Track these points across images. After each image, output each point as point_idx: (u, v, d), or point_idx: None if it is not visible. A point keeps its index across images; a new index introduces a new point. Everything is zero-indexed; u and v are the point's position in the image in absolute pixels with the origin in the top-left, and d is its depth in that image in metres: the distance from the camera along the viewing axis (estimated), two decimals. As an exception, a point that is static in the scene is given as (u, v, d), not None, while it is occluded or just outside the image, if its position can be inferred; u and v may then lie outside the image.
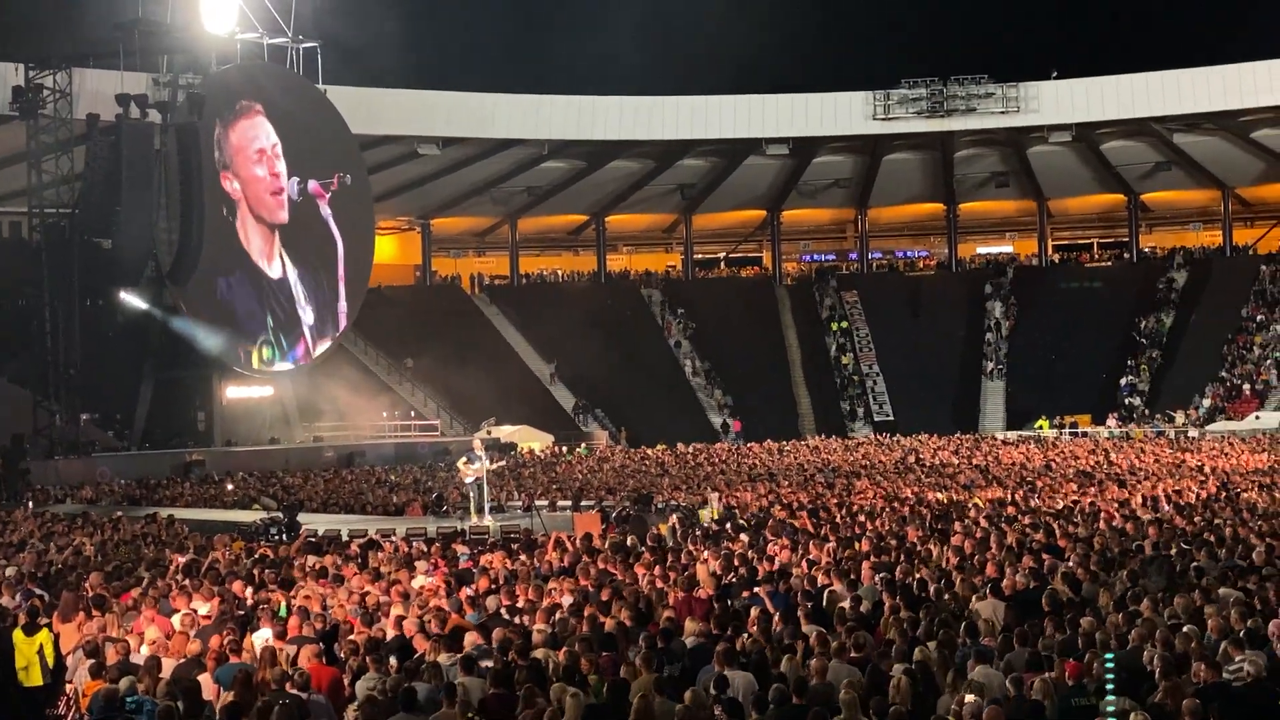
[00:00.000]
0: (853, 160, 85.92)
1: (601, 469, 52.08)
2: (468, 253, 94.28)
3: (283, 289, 62.46)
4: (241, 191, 60.08)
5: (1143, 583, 19.08)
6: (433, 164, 79.04)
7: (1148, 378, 78.31)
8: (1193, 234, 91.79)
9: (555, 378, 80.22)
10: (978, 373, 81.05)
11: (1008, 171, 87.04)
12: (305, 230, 62.51)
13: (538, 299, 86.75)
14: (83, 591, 21.73)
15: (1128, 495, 33.83)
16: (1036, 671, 14.39)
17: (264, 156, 60.64)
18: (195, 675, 16.04)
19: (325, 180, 62.41)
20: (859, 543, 25.30)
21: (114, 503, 42.34)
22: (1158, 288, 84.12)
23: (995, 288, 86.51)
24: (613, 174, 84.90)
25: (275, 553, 26.99)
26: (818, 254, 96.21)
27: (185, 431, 61.51)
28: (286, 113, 61.21)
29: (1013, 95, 78.99)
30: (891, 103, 79.95)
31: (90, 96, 57.41)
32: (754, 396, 79.04)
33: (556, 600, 20.34)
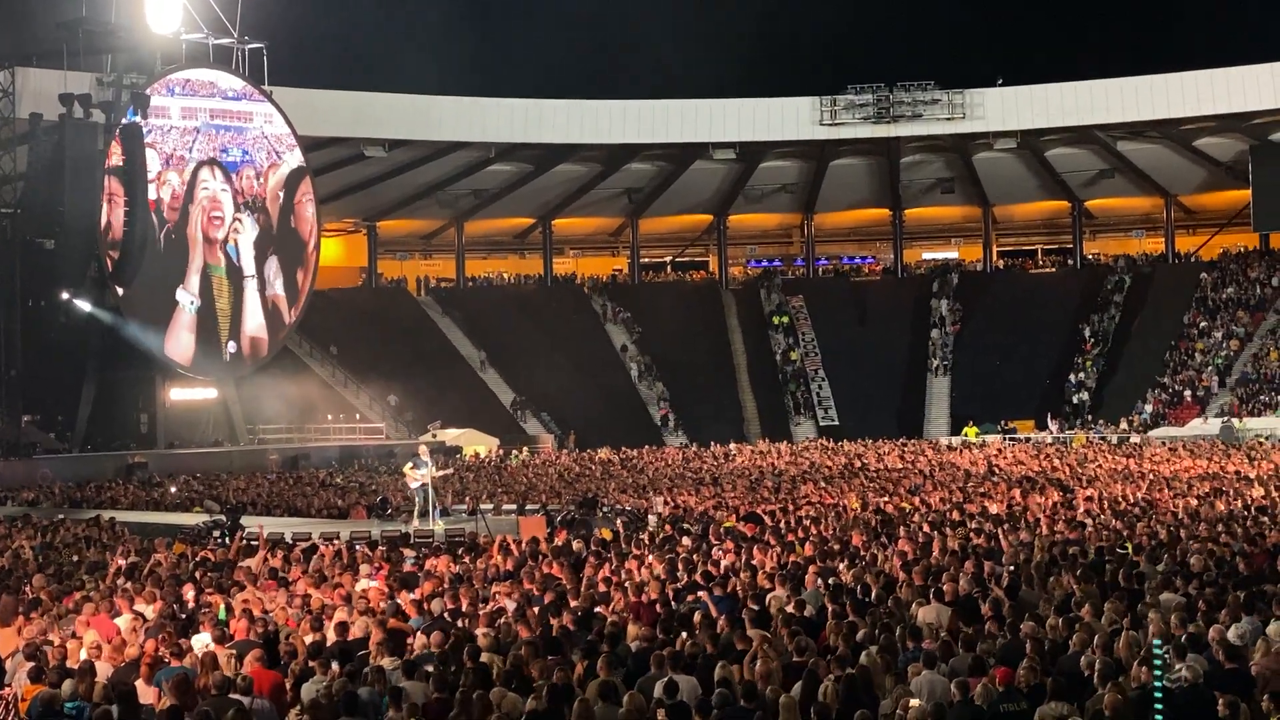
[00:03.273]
0: (799, 165, 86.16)
1: (547, 472, 52.05)
2: (414, 255, 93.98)
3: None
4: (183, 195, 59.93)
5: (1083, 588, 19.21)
6: (379, 166, 78.84)
7: (1095, 374, 78.87)
8: (1136, 241, 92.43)
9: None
10: (923, 378, 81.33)
11: (953, 177, 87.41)
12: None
13: (484, 302, 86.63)
14: (23, 595, 21.59)
15: (1070, 500, 34.05)
16: (980, 676, 14.47)
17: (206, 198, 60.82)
18: (133, 680, 15.96)
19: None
20: (803, 547, 25.39)
21: (55, 505, 42.09)
22: (1101, 294, 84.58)
23: (942, 286, 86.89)
24: (560, 177, 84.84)
25: (216, 556, 26.90)
26: (764, 259, 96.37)
27: (128, 433, 61.19)
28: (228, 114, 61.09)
29: (958, 102, 79.40)
30: (838, 108, 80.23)
31: (33, 96, 57.05)
32: (700, 401, 79.08)
33: (501, 604, 20.33)
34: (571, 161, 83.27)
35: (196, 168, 60.96)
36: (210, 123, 61.33)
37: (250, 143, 63.19)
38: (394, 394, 73.71)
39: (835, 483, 42.40)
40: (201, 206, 61.30)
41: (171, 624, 19.06)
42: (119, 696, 14.81)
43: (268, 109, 63.66)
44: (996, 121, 79.49)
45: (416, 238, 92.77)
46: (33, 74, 58.48)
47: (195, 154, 60.79)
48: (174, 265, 60.29)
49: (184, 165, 60.49)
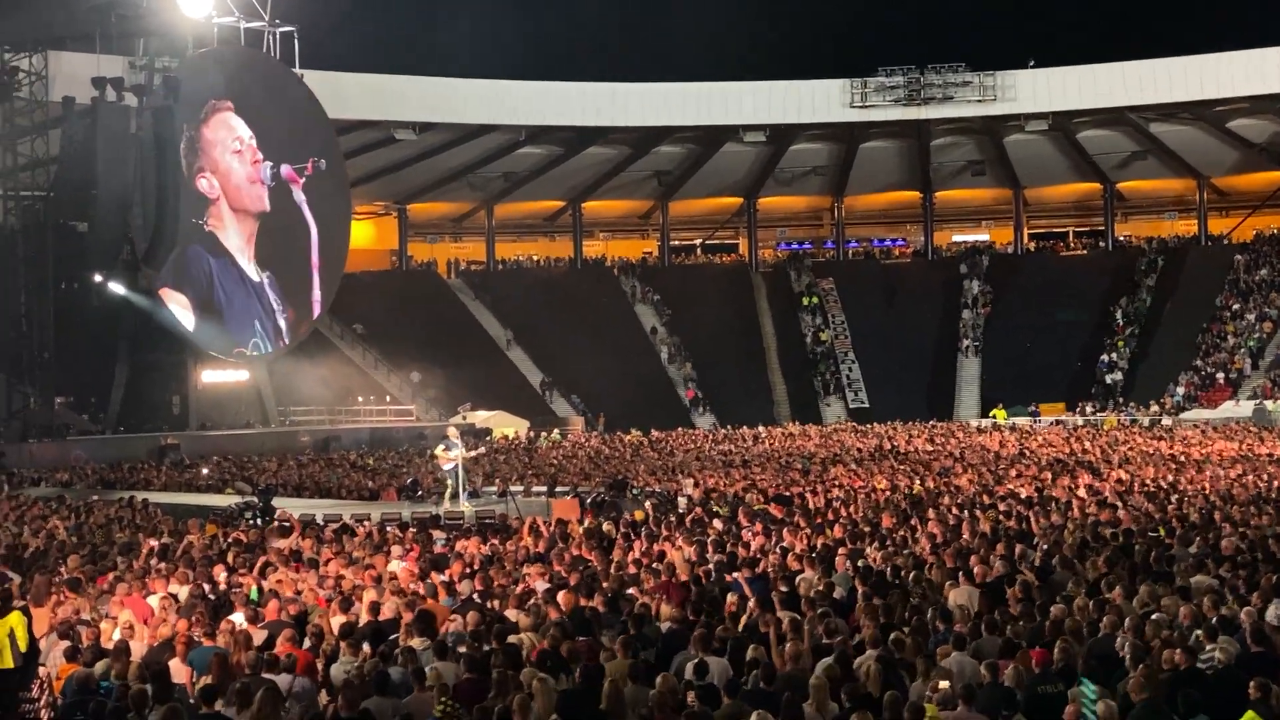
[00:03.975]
0: (829, 148, 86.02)
1: (577, 454, 52.10)
2: (444, 238, 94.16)
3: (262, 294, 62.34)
4: (220, 188, 59.60)
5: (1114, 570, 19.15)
6: (409, 149, 78.95)
7: (1127, 354, 78.61)
8: (1168, 223, 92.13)
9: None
10: (953, 361, 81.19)
11: (984, 160, 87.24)
12: (279, 219, 62.18)
13: (514, 284, 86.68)
14: (57, 575, 21.69)
15: (1101, 483, 33.95)
16: (1010, 658, 14.45)
17: (242, 145, 60.30)
18: (166, 659, 16.03)
19: (299, 165, 62.08)
20: (833, 529, 25.37)
21: (89, 486, 42.23)
22: (1133, 276, 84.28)
23: (972, 268, 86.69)
24: (589, 160, 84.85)
25: (248, 537, 26.98)
26: (794, 242, 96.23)
27: (160, 415, 61.36)
28: (260, 98, 60.81)
29: (990, 84, 79.18)
30: (869, 90, 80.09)
31: (66, 79, 57.12)
32: (729, 383, 79.04)
33: (530, 585, 20.36)
34: (601, 144, 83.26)
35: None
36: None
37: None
38: (417, 371, 73.86)
39: (865, 465, 42.38)
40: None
41: (203, 604, 19.15)
42: (153, 676, 14.87)
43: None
44: (1028, 103, 79.24)
45: (447, 220, 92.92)
46: (65, 57, 58.63)
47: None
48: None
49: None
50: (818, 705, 13.11)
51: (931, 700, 12.86)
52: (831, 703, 13.21)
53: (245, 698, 13.75)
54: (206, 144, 58.67)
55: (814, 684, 13.44)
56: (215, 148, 59.25)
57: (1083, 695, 12.85)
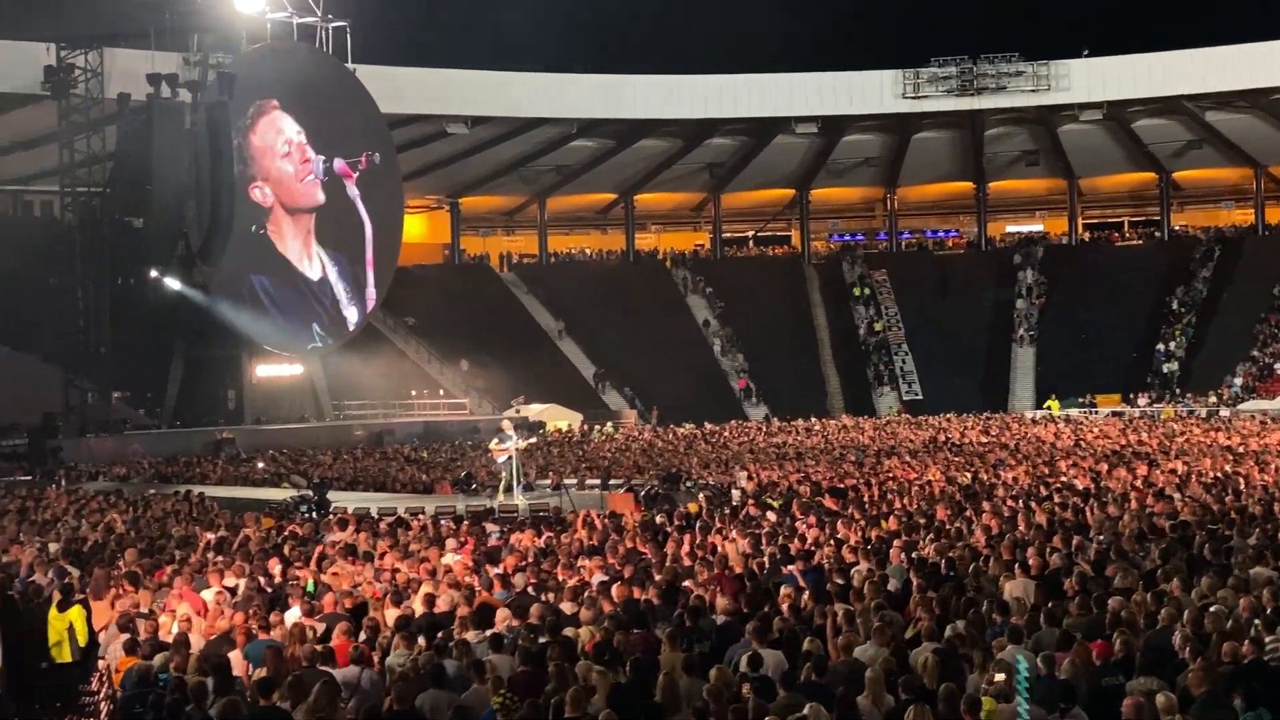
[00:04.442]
0: (882, 139, 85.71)
1: (630, 447, 52.10)
2: (496, 231, 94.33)
3: (325, 290, 62.67)
4: (274, 195, 60.11)
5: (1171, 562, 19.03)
6: (462, 143, 79.08)
7: (1184, 343, 78.14)
8: (1225, 212, 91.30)
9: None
10: (1006, 352, 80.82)
11: (1038, 150, 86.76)
12: (334, 214, 62.57)
13: (566, 277, 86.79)
14: (115, 568, 21.85)
15: (1157, 474, 33.70)
16: (1067, 650, 14.38)
17: (292, 147, 60.62)
18: (225, 652, 16.13)
19: (353, 159, 62.38)
20: (887, 521, 25.30)
21: (145, 480, 42.52)
22: (1189, 267, 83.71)
23: (1026, 259, 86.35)
24: (641, 153, 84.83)
25: (304, 531, 27.12)
26: (846, 233, 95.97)
27: (215, 410, 61.72)
28: (312, 94, 61.08)
29: (1043, 73, 78.73)
30: (921, 81, 79.79)
31: (121, 76, 57.58)
32: (782, 375, 78.91)
33: (585, 578, 20.39)
34: (653, 137, 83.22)
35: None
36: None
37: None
38: (465, 360, 74.11)
39: (919, 457, 42.24)
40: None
41: (259, 597, 19.25)
42: (213, 668, 14.98)
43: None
44: (1082, 93, 78.68)
45: (499, 214, 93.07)
46: (120, 54, 59.03)
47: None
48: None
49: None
50: (873, 698, 13.09)
51: (988, 693, 12.82)
52: (887, 695, 13.19)
53: (300, 691, 13.83)
54: (256, 152, 59.21)
55: (870, 676, 13.42)
56: (265, 155, 59.85)
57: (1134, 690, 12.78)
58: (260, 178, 59.21)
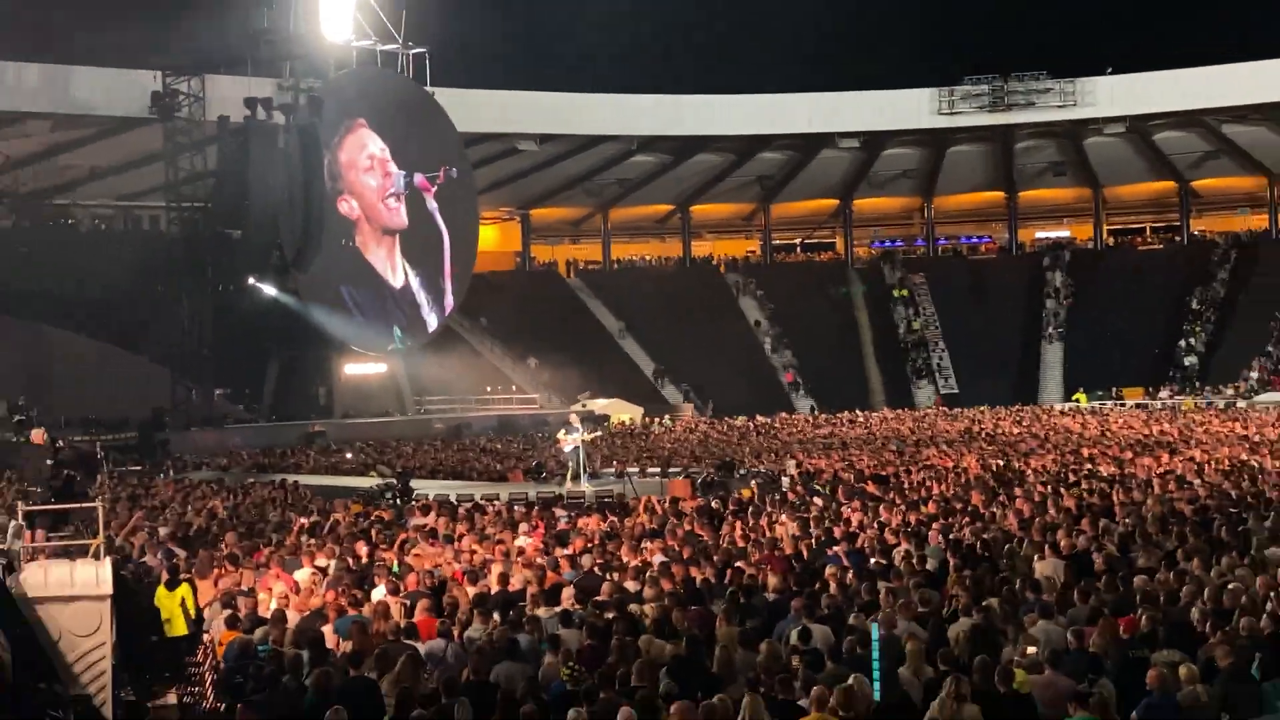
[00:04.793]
0: (919, 152, 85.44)
1: (687, 438, 52.07)
2: (564, 240, 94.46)
3: (405, 296, 62.91)
4: (360, 209, 60.30)
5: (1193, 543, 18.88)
6: (531, 159, 79.33)
7: (1204, 339, 77.50)
8: (1241, 218, 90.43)
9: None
10: (1037, 349, 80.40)
11: (1065, 161, 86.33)
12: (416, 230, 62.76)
13: (628, 282, 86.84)
14: (218, 550, 22.02)
15: (1178, 462, 33.42)
16: (1094, 626, 14.29)
17: (374, 163, 60.80)
18: (318, 627, 16.23)
19: (431, 174, 62.58)
20: (926, 506, 25.20)
21: (245, 470, 42.75)
22: (1207, 269, 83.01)
23: (1054, 262, 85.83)
24: (697, 167, 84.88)
25: (389, 515, 27.22)
26: (887, 240, 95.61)
27: (308, 405, 61.99)
28: (394, 114, 61.35)
29: (1069, 90, 78.36)
30: (955, 98, 79.57)
31: (220, 100, 58.03)
32: (828, 372, 78.72)
33: (647, 559, 20.40)
34: (707, 152, 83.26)
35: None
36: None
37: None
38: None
39: (955, 446, 42.04)
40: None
41: (348, 577, 19.34)
42: (308, 642, 15.08)
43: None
44: (1106, 108, 78.35)
45: (566, 224, 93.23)
46: (220, 81, 59.49)
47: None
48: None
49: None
50: (913, 669, 13.04)
51: (1020, 664, 12.75)
52: (926, 667, 13.14)
53: (386, 662, 13.90)
54: (343, 167, 59.25)
55: (909, 650, 13.37)
56: (351, 170, 59.90)
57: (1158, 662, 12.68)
58: (347, 191, 59.42)
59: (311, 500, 31.04)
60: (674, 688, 12.46)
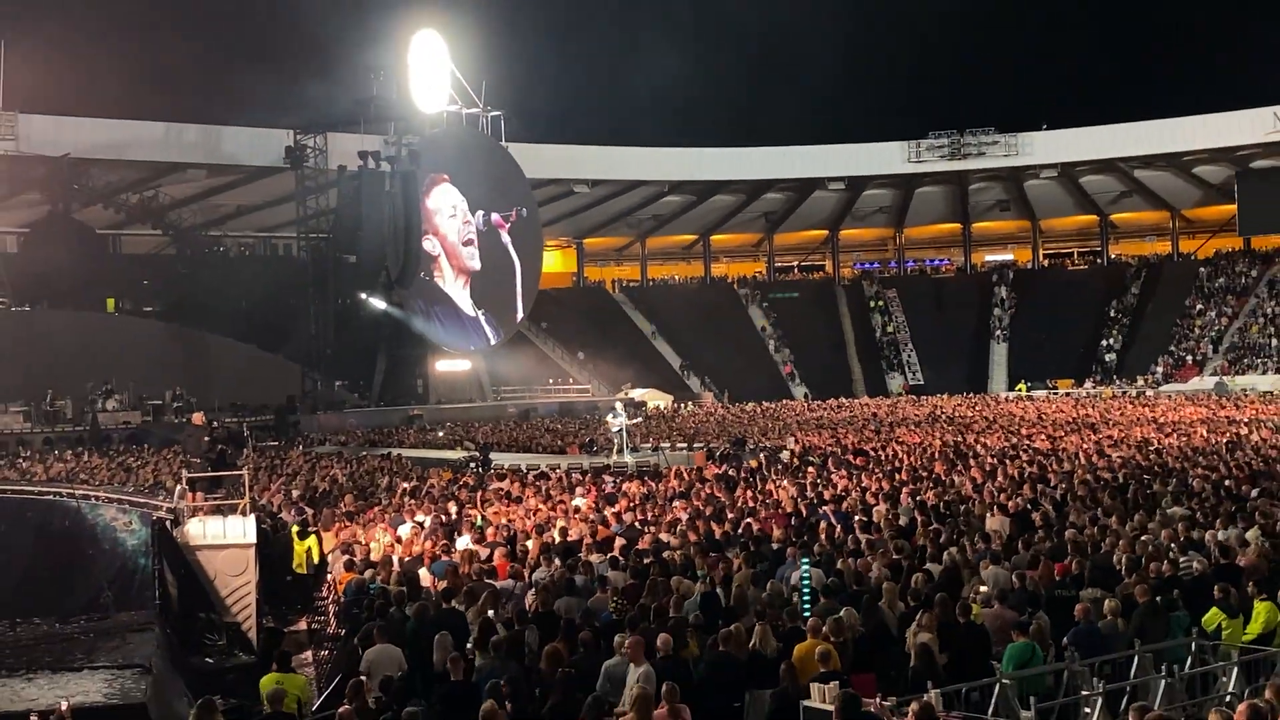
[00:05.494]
0: (893, 192, 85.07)
1: (709, 420, 52.00)
2: (610, 263, 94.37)
3: (476, 325, 62.90)
4: (441, 247, 60.13)
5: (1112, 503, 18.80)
6: (584, 199, 79.34)
7: (1120, 339, 77.06)
8: (1149, 244, 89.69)
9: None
10: (987, 349, 79.94)
11: (1009, 199, 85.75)
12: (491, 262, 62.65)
13: (661, 296, 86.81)
14: (338, 509, 22.15)
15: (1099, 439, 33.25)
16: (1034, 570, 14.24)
17: (456, 212, 60.80)
18: (417, 570, 16.31)
19: (505, 213, 62.63)
20: (899, 474, 25.13)
21: (359, 445, 42.91)
22: (1122, 285, 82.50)
23: (1000, 279, 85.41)
24: (715, 205, 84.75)
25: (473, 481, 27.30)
26: (866, 262, 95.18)
27: (409, 393, 62.01)
28: (476, 164, 61.32)
29: (1013, 142, 78.10)
30: (922, 149, 79.34)
31: (340, 153, 58.17)
32: (820, 367, 78.56)
33: (676, 515, 20.41)
34: (724, 193, 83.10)
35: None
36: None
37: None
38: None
39: (921, 427, 41.87)
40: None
41: (441, 529, 19.41)
42: (408, 581, 15.15)
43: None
44: (1042, 156, 78.12)
45: (612, 250, 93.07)
46: (339, 138, 59.59)
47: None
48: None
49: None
50: (888, 604, 13.02)
51: (975, 600, 12.71)
52: (899, 602, 13.11)
53: (473, 597, 13.95)
54: (428, 212, 59.05)
55: (886, 588, 13.35)
56: (435, 215, 59.75)
57: (1085, 598, 12.61)
58: (430, 232, 59.17)
59: (412, 469, 31.18)
60: (701, 618, 12.47)
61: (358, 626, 13.66)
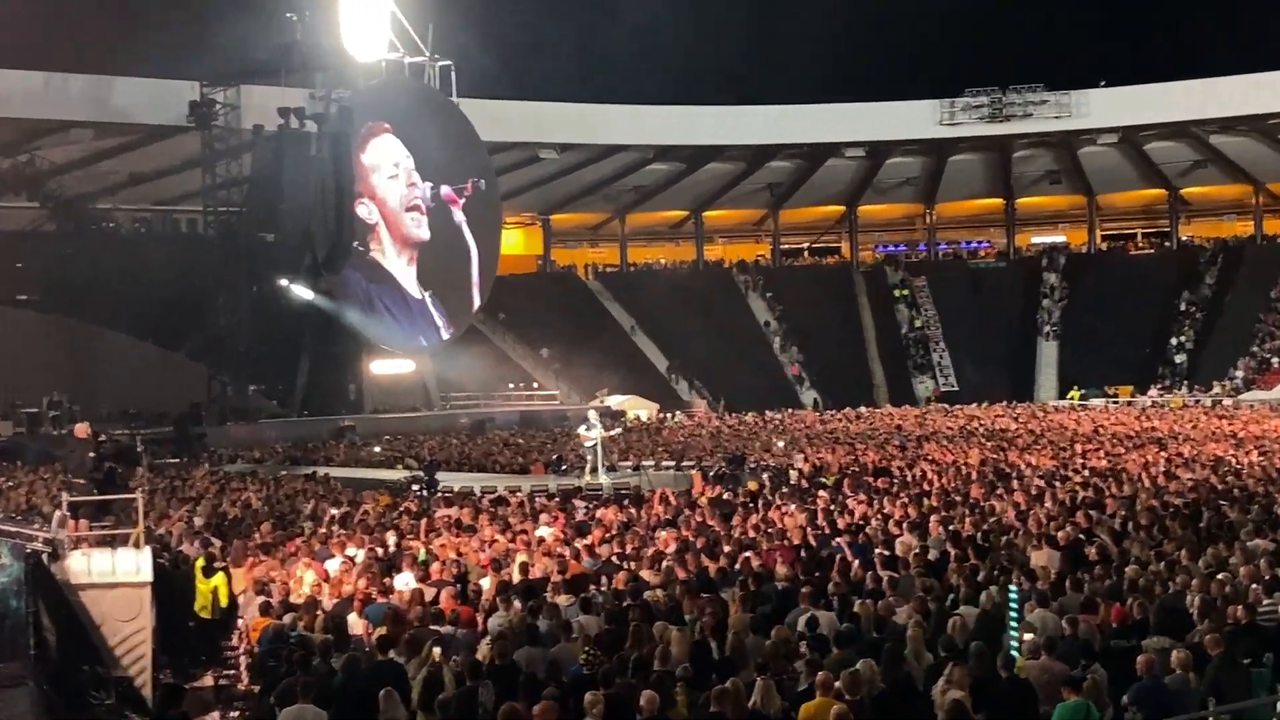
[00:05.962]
0: (921, 161, 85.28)
1: (700, 433, 52.04)
2: (583, 244, 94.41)
3: (424, 311, 62.65)
4: (379, 214, 59.56)
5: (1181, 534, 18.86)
6: (551, 166, 79.25)
7: (1191, 339, 77.34)
8: (1227, 224, 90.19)
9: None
10: (1033, 349, 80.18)
11: (1060, 169, 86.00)
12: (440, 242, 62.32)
13: (644, 284, 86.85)
14: (252, 540, 22.08)
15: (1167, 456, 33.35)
16: (1089, 614, 14.27)
17: (399, 170, 60.32)
18: (347, 614, 16.27)
19: (458, 186, 62.34)
20: (927, 499, 25.18)
21: (278, 462, 42.79)
22: (1195, 272, 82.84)
23: (1050, 265, 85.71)
24: (709, 174, 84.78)
25: (416, 507, 27.24)
26: (890, 245, 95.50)
27: (338, 400, 61.91)
28: (421, 125, 60.90)
29: (1065, 102, 78.17)
30: (956, 110, 79.40)
31: (256, 109, 58.01)
32: (834, 369, 78.63)
33: (661, 549, 20.41)
34: (720, 160, 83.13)
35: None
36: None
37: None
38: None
39: (955, 441, 41.97)
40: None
41: (377, 565, 19.38)
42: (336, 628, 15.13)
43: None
44: (1100, 119, 78.13)
45: (584, 229, 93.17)
46: (255, 91, 59.42)
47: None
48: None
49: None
50: (914, 655, 13.04)
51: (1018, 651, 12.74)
52: (926, 653, 13.13)
53: (415, 646, 13.92)
54: (364, 170, 58.25)
55: (910, 634, 13.37)
56: (372, 174, 58.93)
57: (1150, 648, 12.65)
58: (366, 195, 58.59)
59: (341, 492, 31.06)
60: (690, 671, 12.47)
61: (275, 682, 13.60)
